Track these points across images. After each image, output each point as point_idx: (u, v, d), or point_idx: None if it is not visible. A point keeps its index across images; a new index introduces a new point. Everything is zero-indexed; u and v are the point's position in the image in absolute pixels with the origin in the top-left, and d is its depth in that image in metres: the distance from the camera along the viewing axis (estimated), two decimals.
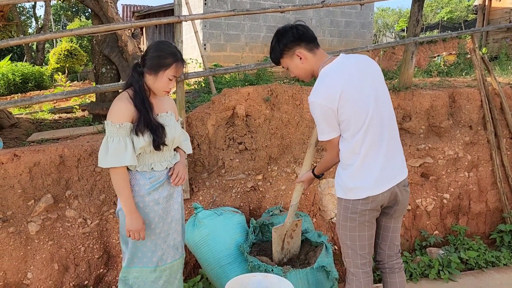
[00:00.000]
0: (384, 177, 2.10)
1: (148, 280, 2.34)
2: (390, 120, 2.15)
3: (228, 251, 2.87)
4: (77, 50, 16.25)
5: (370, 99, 2.07)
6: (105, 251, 3.23)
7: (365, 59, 2.17)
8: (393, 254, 2.35)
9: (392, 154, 2.13)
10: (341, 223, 2.22)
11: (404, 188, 2.21)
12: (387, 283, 2.37)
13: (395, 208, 2.23)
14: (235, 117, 3.63)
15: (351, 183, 2.12)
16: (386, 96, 2.17)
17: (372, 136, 2.07)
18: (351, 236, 2.21)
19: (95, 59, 5.42)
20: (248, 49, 9.00)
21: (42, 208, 3.10)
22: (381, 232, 2.32)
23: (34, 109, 7.81)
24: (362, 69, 2.11)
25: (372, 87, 2.09)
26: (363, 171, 2.09)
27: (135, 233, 2.20)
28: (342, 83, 2.02)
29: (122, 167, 2.14)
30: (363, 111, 2.04)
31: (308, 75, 2.26)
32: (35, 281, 3.00)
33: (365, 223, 2.16)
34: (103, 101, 5.23)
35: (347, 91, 2.01)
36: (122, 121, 2.12)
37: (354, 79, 2.06)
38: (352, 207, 2.14)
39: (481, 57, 4.23)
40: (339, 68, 2.09)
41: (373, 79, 2.12)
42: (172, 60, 2.20)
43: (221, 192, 3.42)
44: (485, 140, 4.15)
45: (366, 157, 2.07)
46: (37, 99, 3.06)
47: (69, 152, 3.23)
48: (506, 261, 3.58)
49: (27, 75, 11.78)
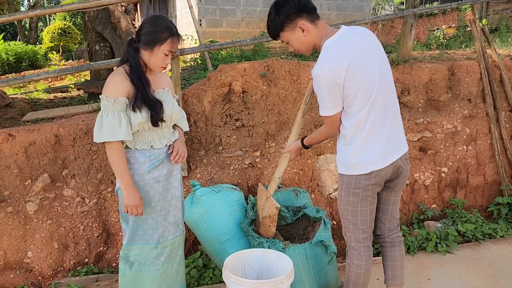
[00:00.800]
0: (387, 151, 2.08)
1: (149, 257, 2.35)
2: (392, 94, 2.12)
3: (227, 228, 2.88)
4: (71, 28, 15.95)
5: (376, 72, 2.02)
6: (104, 229, 3.24)
7: (365, 31, 2.11)
8: (393, 228, 2.36)
9: (394, 128, 2.11)
10: (343, 198, 2.21)
11: (405, 161, 2.20)
12: (387, 256, 2.38)
13: (396, 181, 2.22)
14: (231, 93, 3.59)
15: (355, 159, 2.09)
16: (388, 69, 2.12)
17: (378, 110, 2.03)
18: (353, 211, 2.20)
19: (88, 37, 5.32)
20: (245, 24, 8.84)
21: (39, 188, 3.09)
22: (381, 206, 2.32)
23: (29, 88, 7.72)
24: (366, 41, 2.05)
25: (377, 60, 2.04)
26: (367, 147, 2.06)
27: (133, 209, 2.19)
28: (349, 56, 1.95)
29: (117, 142, 2.12)
30: (369, 84, 1.99)
31: (310, 49, 2.16)
32: (35, 259, 3.02)
33: (367, 198, 2.15)
34: (97, 79, 5.16)
35: (354, 64, 1.95)
36: (117, 96, 2.09)
37: (361, 51, 1.99)
38: (355, 182, 2.12)
39: (481, 28, 4.15)
40: (344, 40, 2.01)
41: (377, 51, 2.07)
42: (167, 34, 2.15)
43: (219, 169, 3.41)
44: (484, 113, 4.12)
45: (370, 132, 2.04)
46: (30, 77, 3.00)
47: (64, 131, 3.19)
48: (503, 233, 3.61)
49: (21, 54, 11.60)
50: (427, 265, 3.16)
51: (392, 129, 2.09)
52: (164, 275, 2.39)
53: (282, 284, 2.16)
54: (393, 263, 2.36)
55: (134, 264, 2.36)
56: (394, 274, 2.37)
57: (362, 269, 2.26)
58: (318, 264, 2.64)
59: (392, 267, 2.37)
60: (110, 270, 3.15)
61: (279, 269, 2.39)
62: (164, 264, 2.38)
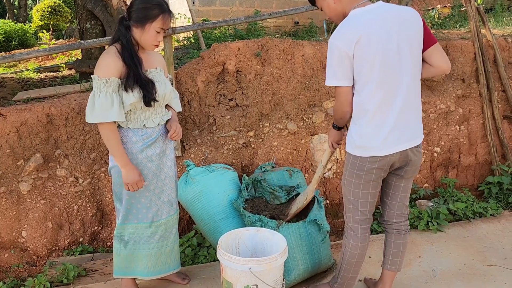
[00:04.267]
0: (393, 139, 2.03)
1: (144, 236, 2.38)
2: (412, 79, 2.01)
3: (221, 207, 2.90)
4: (61, 6, 15.62)
5: (391, 53, 1.94)
6: (99, 209, 3.25)
7: (404, 11, 2.01)
8: (401, 215, 2.34)
9: (407, 116, 2.03)
10: (346, 178, 2.21)
11: (417, 149, 2.14)
12: (390, 243, 2.38)
13: (406, 169, 2.18)
14: (225, 73, 3.56)
15: (358, 140, 2.08)
16: (417, 56, 2.02)
17: (385, 92, 1.97)
18: (354, 193, 2.20)
19: (79, 15, 5.23)
20: (238, 3, 8.72)
21: (32, 168, 3.08)
22: (391, 191, 2.30)
23: (19, 68, 7.61)
24: (397, 19, 1.97)
25: (403, 42, 1.96)
26: (370, 131, 2.03)
27: (133, 185, 2.20)
28: (365, 28, 1.92)
29: (109, 123, 2.11)
30: (378, 63, 1.94)
31: (340, 17, 2.12)
32: (29, 239, 3.03)
33: (370, 181, 2.14)
34: (89, 58, 5.10)
35: (367, 38, 1.91)
36: (109, 76, 2.07)
37: (383, 28, 1.94)
38: (360, 165, 2.11)
39: (476, 8, 4.13)
40: (368, 13, 1.97)
41: (402, 31, 1.96)
42: (158, 11, 2.13)
43: (213, 149, 3.41)
44: (477, 93, 4.14)
45: (375, 116, 2.00)
46: (20, 56, 2.96)
47: (56, 111, 3.17)
48: (493, 212, 3.66)
49: (10, 33, 11.37)
50: (418, 243, 3.22)
51: (402, 116, 2.01)
52: (159, 253, 2.43)
53: (276, 262, 2.19)
54: (395, 250, 2.37)
55: (129, 243, 2.38)
56: (394, 260, 2.38)
57: (357, 250, 2.29)
58: (311, 242, 2.68)
59: (394, 253, 2.37)
60: (105, 249, 3.17)
61: (273, 247, 2.42)
62: (158, 243, 2.41)
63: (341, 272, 2.37)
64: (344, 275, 2.37)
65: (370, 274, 2.74)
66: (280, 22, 8.57)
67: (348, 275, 2.36)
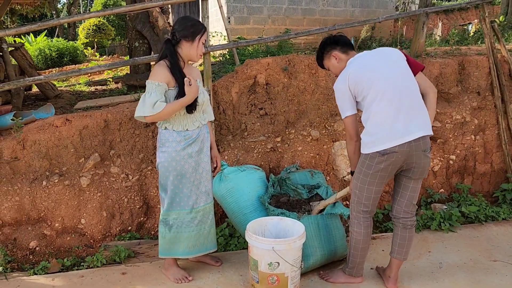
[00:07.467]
0: (397, 131, 2.42)
1: (185, 220, 2.83)
2: (409, 91, 2.48)
3: (250, 202, 3.30)
4: (105, 25, 16.75)
5: (385, 76, 2.47)
6: (145, 202, 3.74)
7: (385, 50, 2.64)
8: (408, 211, 2.70)
9: (408, 113, 2.43)
10: (356, 174, 2.63)
11: (424, 153, 2.50)
12: (397, 235, 2.75)
13: (414, 171, 2.55)
14: (256, 85, 4.03)
15: (366, 138, 2.51)
16: (405, 74, 2.52)
17: (387, 98, 2.43)
18: (360, 187, 2.61)
19: (129, 34, 5.85)
20: (271, 21, 9.23)
21: (91, 165, 3.62)
22: (400, 190, 2.68)
23: (70, 82, 8.38)
24: (376, 54, 2.59)
25: (394, 68, 2.51)
26: (374, 128, 2.46)
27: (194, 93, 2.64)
28: (352, 67, 2.54)
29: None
30: (372, 79, 2.46)
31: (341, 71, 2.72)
32: (87, 225, 3.55)
33: (375, 181, 2.54)
34: (136, 73, 5.69)
35: (354, 70, 2.52)
36: (161, 81, 2.58)
37: (361, 59, 2.57)
38: (368, 164, 2.52)
39: (491, 25, 4.41)
40: (356, 59, 2.60)
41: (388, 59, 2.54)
42: (202, 26, 2.71)
43: (244, 152, 3.85)
44: (492, 105, 4.39)
45: (379, 115, 2.45)
46: (85, 70, 3.55)
47: (112, 117, 3.71)
48: (505, 216, 3.86)
49: (62, 50, 12.37)
50: (430, 240, 3.50)
51: (402, 113, 2.42)
52: (198, 235, 2.87)
53: (295, 243, 2.59)
54: (401, 241, 2.73)
55: (173, 227, 2.84)
56: (400, 250, 2.74)
57: (361, 236, 2.68)
58: (328, 233, 3.05)
59: (400, 244, 2.73)
60: (150, 237, 3.65)
61: (294, 233, 2.80)
62: (197, 226, 2.86)
63: (351, 257, 2.76)
64: (353, 260, 2.75)
65: (382, 264, 3.07)
66: (310, 38, 9.01)
67: (357, 260, 2.74)
